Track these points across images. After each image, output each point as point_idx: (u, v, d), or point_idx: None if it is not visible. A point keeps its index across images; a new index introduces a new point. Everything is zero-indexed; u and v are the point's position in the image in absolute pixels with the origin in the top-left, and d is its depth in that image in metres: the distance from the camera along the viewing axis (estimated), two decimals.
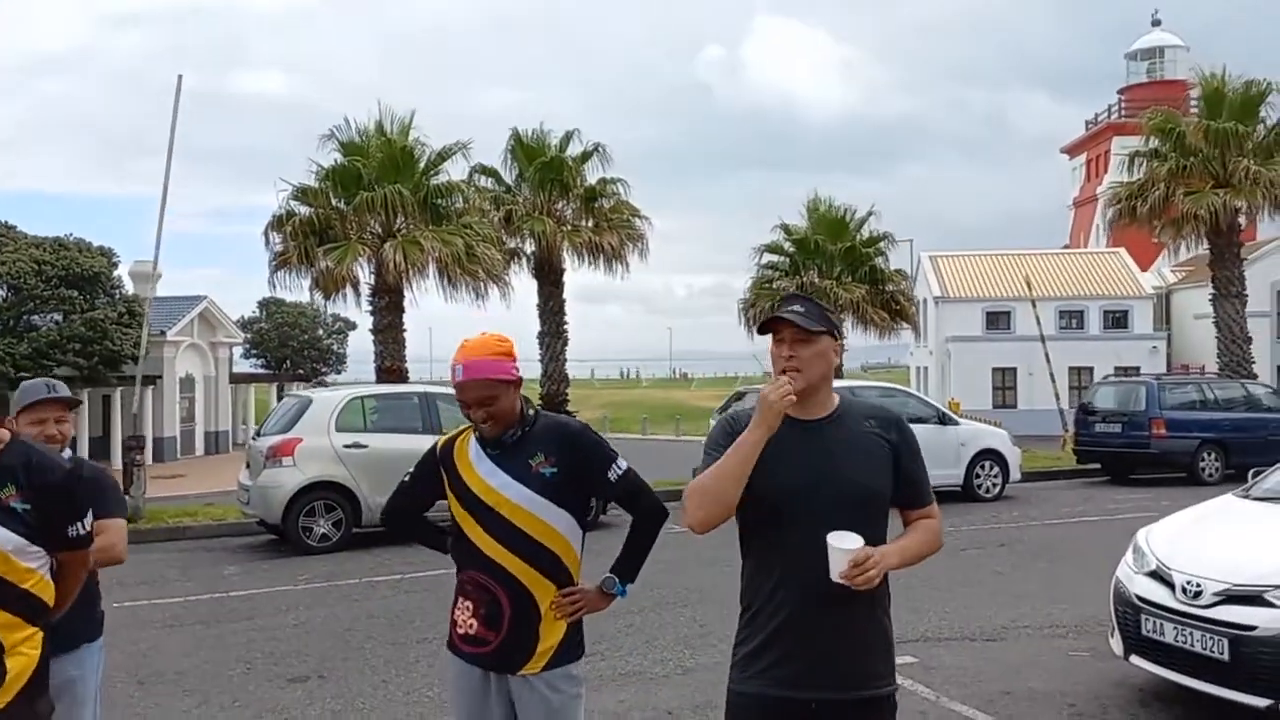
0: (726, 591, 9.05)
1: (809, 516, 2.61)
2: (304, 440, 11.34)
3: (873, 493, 2.70)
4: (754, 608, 2.74)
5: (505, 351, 3.09)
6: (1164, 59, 50.62)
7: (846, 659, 2.65)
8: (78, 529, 2.71)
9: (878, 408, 2.88)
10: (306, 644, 7.45)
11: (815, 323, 2.68)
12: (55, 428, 3.62)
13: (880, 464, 2.72)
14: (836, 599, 2.59)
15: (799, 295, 2.86)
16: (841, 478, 2.65)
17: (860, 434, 2.72)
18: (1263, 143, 24.13)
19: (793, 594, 2.64)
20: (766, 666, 2.66)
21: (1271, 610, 4.94)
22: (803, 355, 2.67)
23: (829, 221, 24.09)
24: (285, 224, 18.83)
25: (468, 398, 3.05)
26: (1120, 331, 37.40)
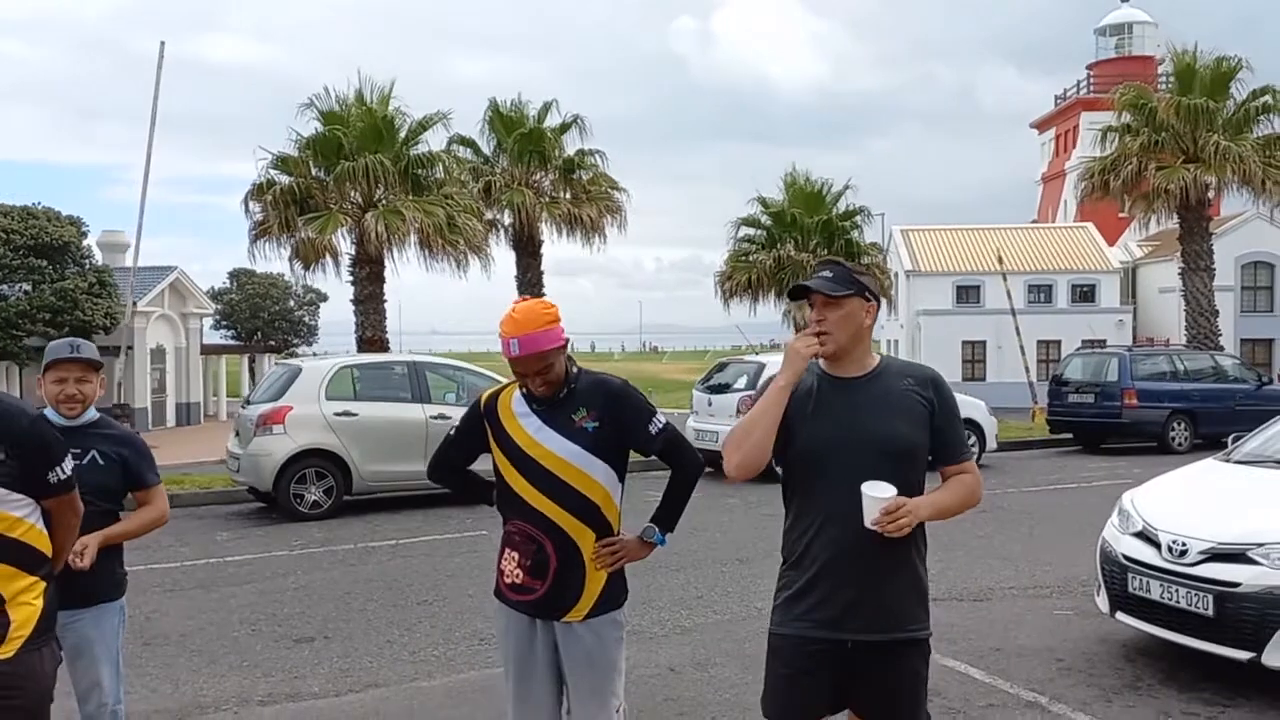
0: (716, 557, 9.31)
1: (847, 468, 2.76)
2: (294, 408, 11.37)
3: (908, 446, 2.84)
4: (795, 555, 2.89)
5: (553, 318, 3.18)
6: (1132, 35, 51.05)
7: (881, 602, 2.80)
8: (57, 474, 2.66)
9: (915, 366, 3.01)
10: (308, 606, 7.56)
11: (841, 287, 2.82)
12: (75, 387, 3.63)
13: (917, 420, 2.86)
14: (872, 545, 2.74)
15: (831, 261, 3.00)
16: (878, 432, 2.80)
17: (898, 391, 2.87)
18: (1232, 118, 24.52)
19: (831, 541, 2.80)
20: (807, 610, 2.82)
21: (1255, 567, 5.16)
22: (831, 318, 2.83)
23: (806, 195, 24.25)
24: (265, 193, 18.70)
25: (525, 370, 3.15)
26: (1088, 305, 37.89)
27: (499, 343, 3.17)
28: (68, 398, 3.62)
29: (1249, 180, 24.01)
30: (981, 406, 15.69)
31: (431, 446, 12.01)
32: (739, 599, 7.50)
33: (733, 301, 24.45)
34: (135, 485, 3.76)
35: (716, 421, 14.48)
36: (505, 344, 3.15)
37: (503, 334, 3.16)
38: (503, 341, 3.16)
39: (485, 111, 22.99)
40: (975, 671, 5.72)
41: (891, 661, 2.83)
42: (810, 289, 2.83)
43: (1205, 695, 5.26)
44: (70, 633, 3.62)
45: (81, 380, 3.65)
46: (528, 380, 3.18)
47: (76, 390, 3.64)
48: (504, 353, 3.18)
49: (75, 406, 3.64)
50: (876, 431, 2.81)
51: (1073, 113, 49.87)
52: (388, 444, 11.61)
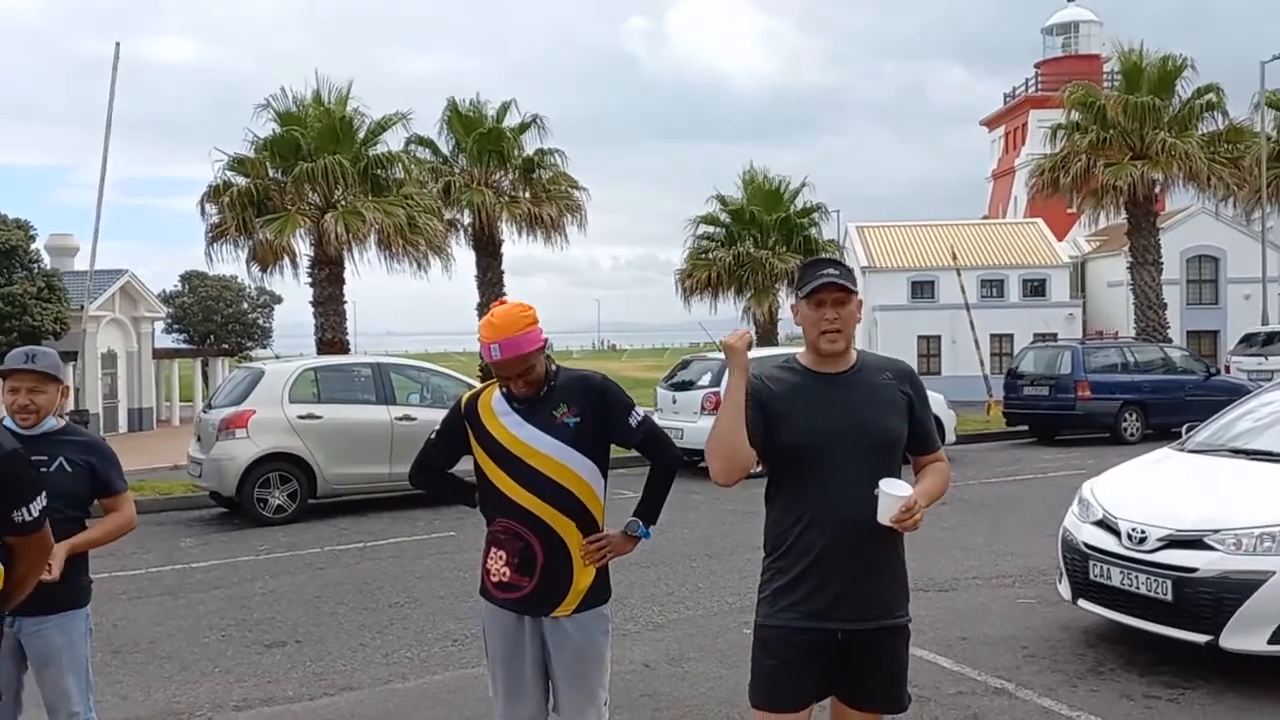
0: (685, 553, 9.38)
1: (837, 461, 2.85)
2: (257, 412, 11.28)
3: (894, 439, 2.95)
4: (783, 547, 2.95)
5: (532, 320, 3.23)
6: (1079, 34, 51.90)
7: (871, 591, 2.89)
8: (23, 514, 2.41)
9: (892, 361, 3.11)
10: (278, 611, 7.52)
11: (851, 283, 2.90)
12: (28, 398, 3.57)
13: (900, 413, 2.96)
14: (864, 537, 2.83)
15: (828, 259, 3.06)
16: (866, 426, 2.88)
17: (880, 385, 2.96)
18: (1178, 116, 25.08)
19: (823, 533, 2.86)
20: (797, 600, 2.89)
21: (1211, 553, 5.33)
22: (842, 315, 2.89)
23: (764, 193, 24.46)
24: (222, 195, 18.52)
25: (507, 373, 3.20)
26: (1039, 299, 38.50)
27: (477, 346, 3.22)
28: (21, 408, 3.58)
29: (1194, 176, 24.60)
30: (940, 400, 15.90)
31: (397, 448, 12.01)
32: (710, 594, 7.58)
33: (693, 298, 24.59)
34: (103, 492, 3.75)
35: (681, 419, 14.56)
36: (486, 349, 3.19)
37: (483, 339, 3.21)
38: (483, 346, 3.21)
39: (443, 111, 22.94)
40: (944, 660, 5.85)
41: (878, 648, 2.92)
42: (835, 284, 2.86)
43: (1165, 678, 5.42)
44: (36, 641, 3.61)
45: (35, 391, 3.59)
46: (510, 382, 3.23)
47: (29, 400, 3.59)
48: (485, 357, 3.23)
49: (29, 417, 3.60)
50: (872, 425, 2.89)
51: (1022, 110, 50.60)
52: (353, 446, 11.55)
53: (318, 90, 19.22)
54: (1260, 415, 6.77)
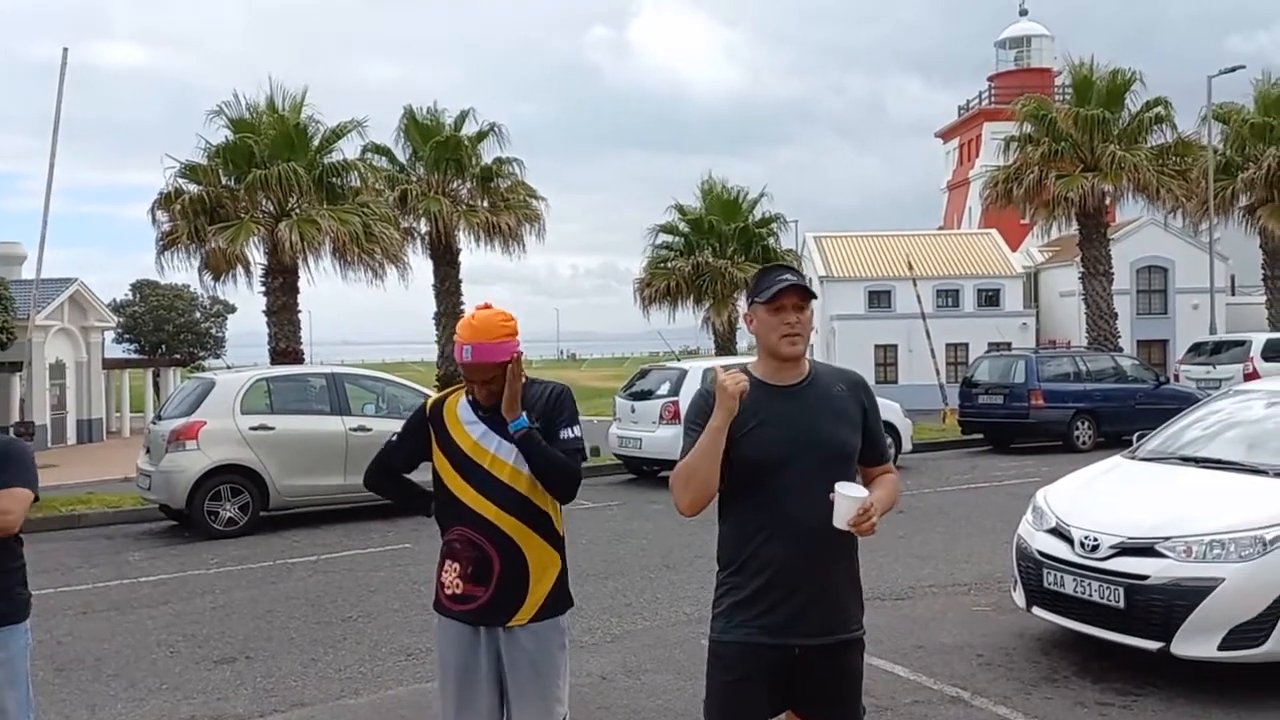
0: (643, 564, 9.34)
1: (796, 474, 2.82)
2: (208, 423, 11.09)
3: (850, 451, 2.93)
4: (739, 561, 2.90)
5: (510, 331, 3.21)
6: (1031, 47, 52.73)
7: (829, 605, 2.87)
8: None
9: (844, 372, 3.08)
10: (228, 626, 7.38)
11: (809, 290, 2.89)
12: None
13: (855, 424, 2.95)
14: (822, 550, 2.81)
15: (784, 265, 3.04)
16: (824, 437, 2.86)
17: (834, 396, 2.94)
18: (1127, 129, 25.56)
19: (782, 546, 2.83)
20: (754, 616, 2.85)
21: (1162, 560, 5.39)
22: (803, 320, 2.87)
23: (723, 203, 24.55)
24: (173, 202, 18.25)
25: (474, 377, 3.18)
26: (993, 309, 38.98)
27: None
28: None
29: (1144, 188, 25.06)
30: (896, 409, 16.04)
31: (352, 459, 11.88)
32: (668, 605, 7.55)
33: (652, 308, 24.59)
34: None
35: (640, 428, 14.54)
36: (459, 348, 3.19)
37: (459, 339, 3.21)
38: (457, 345, 3.21)
39: (401, 119, 22.80)
40: (900, 669, 5.86)
41: (833, 662, 2.89)
42: (799, 289, 2.85)
43: (1118, 685, 5.47)
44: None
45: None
46: (476, 387, 3.20)
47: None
48: (456, 356, 3.22)
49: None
50: (828, 437, 2.87)
51: (976, 123, 51.29)
52: (306, 458, 11.39)
53: (271, 96, 19.04)
54: (1208, 424, 6.88)
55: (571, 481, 3.25)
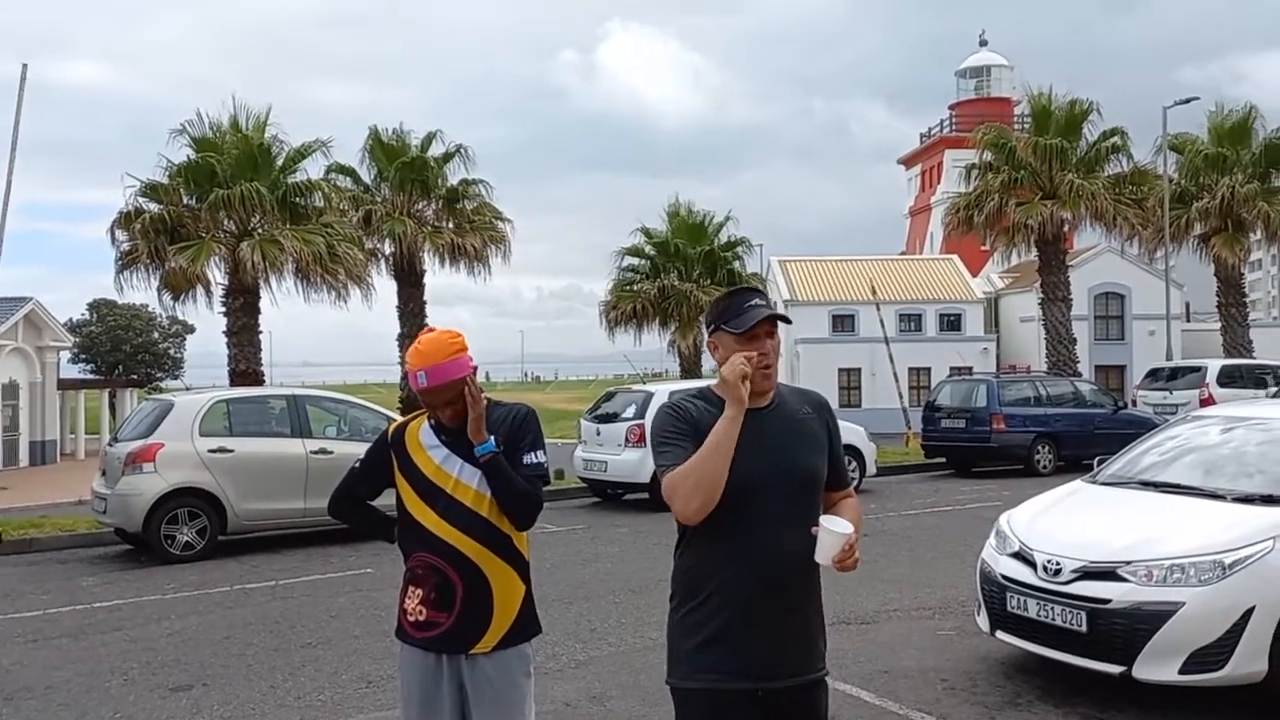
0: (609, 587, 9.28)
1: (762, 503, 2.68)
2: (165, 445, 10.90)
3: (820, 475, 2.82)
4: (701, 595, 2.74)
5: (460, 348, 3.16)
6: (991, 77, 53.64)
7: (795, 645, 2.74)
8: None
9: (806, 393, 2.96)
10: (185, 653, 7.23)
11: (783, 317, 2.79)
12: None
13: (822, 447, 2.85)
14: (790, 583, 2.68)
15: (751, 289, 2.90)
16: (791, 463, 2.74)
17: (801, 419, 2.83)
18: (1085, 158, 26.02)
19: (747, 580, 2.68)
20: (717, 660, 2.69)
21: (1124, 584, 5.43)
22: (771, 347, 2.76)
23: (688, 226, 24.65)
24: (133, 221, 18.03)
25: (435, 401, 3.14)
26: (955, 334, 39.38)
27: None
28: None
29: (1101, 216, 25.50)
30: (861, 432, 16.12)
31: (313, 483, 11.73)
32: (633, 630, 7.50)
33: (618, 331, 24.59)
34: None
35: (605, 451, 14.49)
36: (413, 376, 3.14)
37: (410, 366, 3.16)
38: (410, 374, 3.17)
39: (366, 140, 22.72)
40: (866, 694, 5.85)
41: (799, 705, 2.77)
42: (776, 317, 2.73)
43: (1080, 709, 5.49)
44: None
45: None
46: (438, 410, 3.17)
47: None
48: (412, 385, 3.18)
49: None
50: (798, 463, 2.75)
51: (937, 150, 51.99)
52: (266, 481, 11.23)
53: (235, 116, 18.89)
54: (1166, 449, 6.97)
55: (532, 509, 3.19)
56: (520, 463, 3.18)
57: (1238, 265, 28.06)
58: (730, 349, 2.73)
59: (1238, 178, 26.99)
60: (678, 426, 2.75)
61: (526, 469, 3.19)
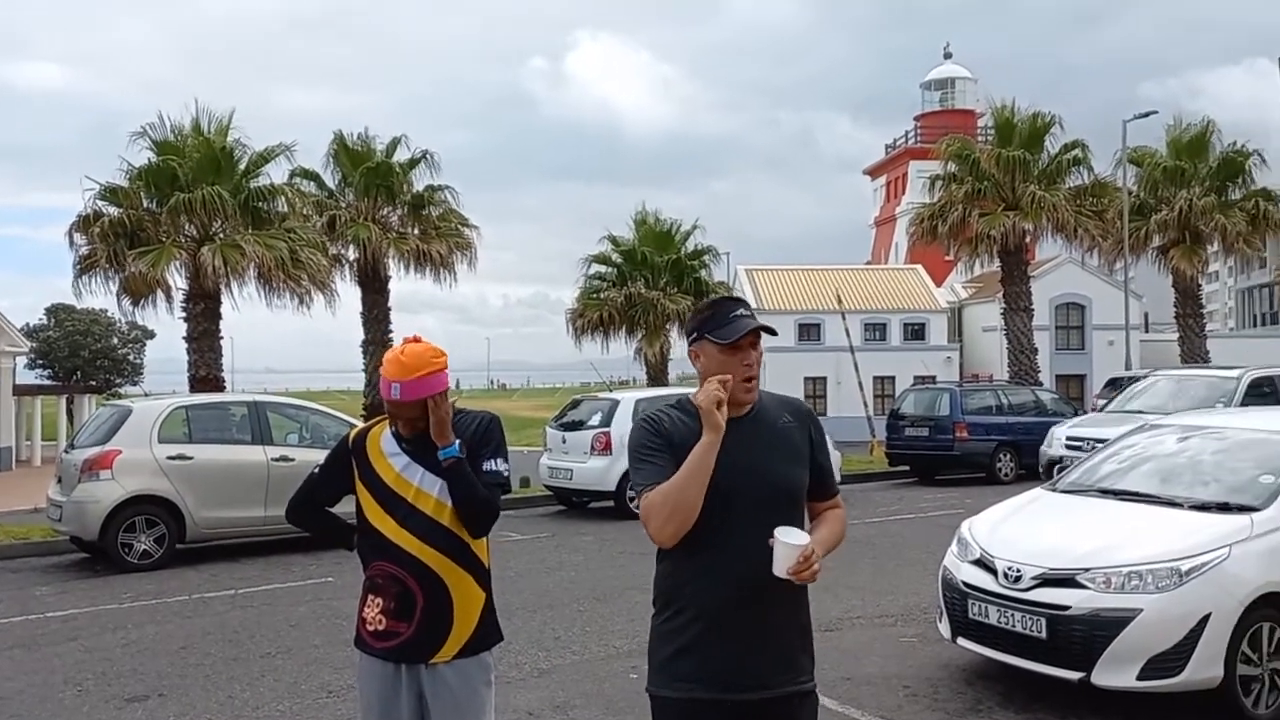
0: (573, 595, 9.23)
1: (738, 512, 2.64)
2: (123, 452, 10.73)
3: (798, 487, 2.77)
4: (677, 605, 2.71)
5: (441, 367, 3.12)
6: (955, 89, 54.27)
7: (774, 656, 2.69)
8: None
9: (789, 401, 2.90)
10: (141, 663, 7.12)
11: (769, 328, 2.75)
12: None
13: (802, 457, 2.79)
14: (770, 594, 2.62)
15: (735, 299, 2.84)
16: (770, 472, 2.69)
17: (781, 429, 2.77)
18: (1047, 170, 26.37)
19: (724, 591, 2.64)
20: (695, 669, 2.66)
21: (1083, 591, 5.49)
22: (754, 359, 2.73)
23: (655, 234, 24.68)
24: (92, 225, 17.78)
25: (402, 414, 3.10)
26: (919, 343, 39.74)
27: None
28: None
29: (1062, 227, 25.86)
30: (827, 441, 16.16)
31: (273, 490, 11.60)
32: (598, 638, 7.47)
33: (584, 338, 24.56)
34: None
35: (571, 459, 14.45)
36: (386, 385, 3.08)
37: (386, 375, 3.09)
38: (384, 383, 3.09)
39: (330, 144, 22.56)
40: (829, 701, 5.85)
41: (776, 716, 2.72)
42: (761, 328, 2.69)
43: (1040, 715, 5.55)
44: None
45: None
46: (401, 423, 3.14)
47: None
48: (383, 393, 3.12)
49: None
50: (774, 473, 2.70)
51: (902, 161, 52.48)
52: (226, 488, 11.08)
53: (197, 119, 18.69)
54: (1124, 457, 7.06)
55: (489, 517, 3.15)
56: (480, 470, 3.15)
57: (1195, 277, 28.52)
58: (714, 358, 2.70)
59: (1195, 191, 27.46)
60: (653, 442, 2.70)
61: (486, 476, 3.15)
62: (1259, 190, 28.17)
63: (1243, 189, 28.06)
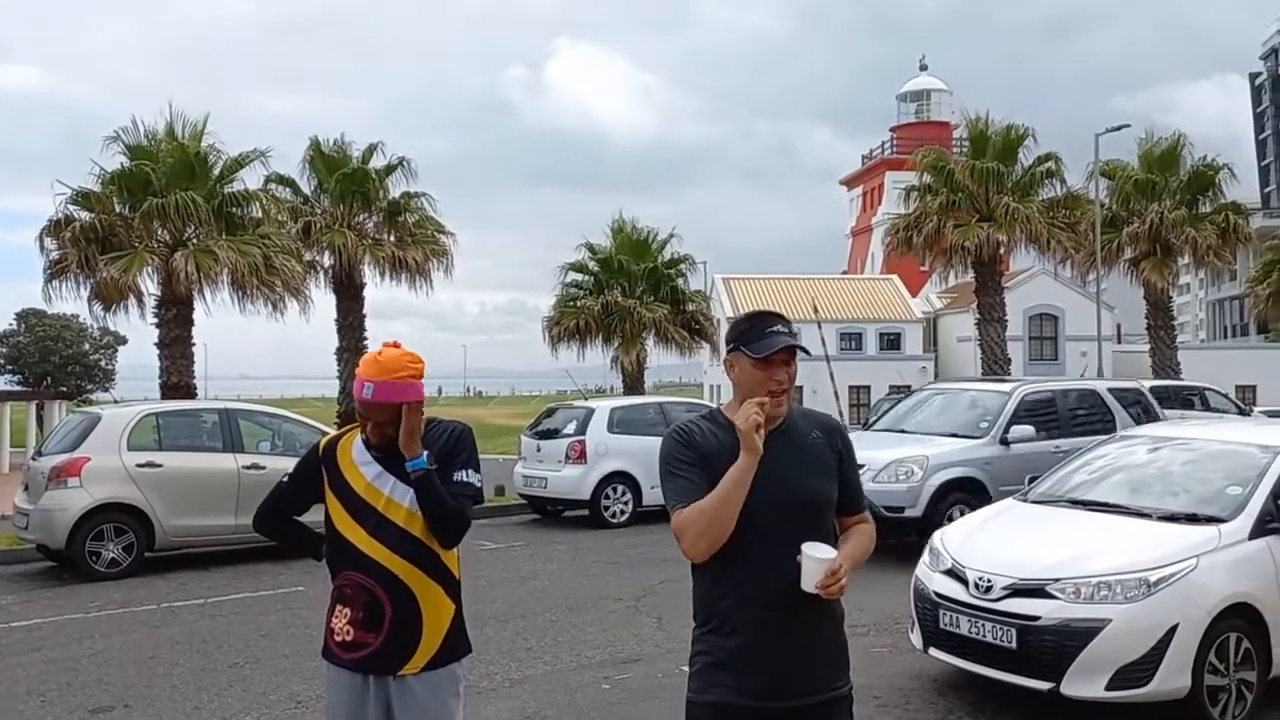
0: (546, 605, 9.19)
1: (770, 526, 2.68)
2: (92, 459, 10.60)
3: (826, 500, 2.80)
4: (713, 621, 2.77)
5: (417, 373, 3.12)
6: (930, 101, 54.74)
7: (808, 666, 2.73)
8: None
9: (820, 417, 2.95)
10: (106, 673, 7.02)
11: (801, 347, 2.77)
12: None
13: (830, 472, 2.82)
14: (800, 607, 2.66)
15: (774, 314, 2.85)
16: (799, 487, 2.73)
17: (810, 443, 2.81)
18: (1020, 181, 26.58)
19: (757, 604, 2.69)
20: (728, 678, 2.71)
21: (1052, 601, 5.52)
22: (791, 376, 2.77)
23: (632, 243, 24.66)
24: (63, 229, 17.58)
25: (375, 417, 3.08)
26: (894, 352, 40.03)
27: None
28: None
29: (1035, 239, 26.06)
30: None
31: (244, 498, 11.50)
32: (569, 648, 7.44)
33: (561, 346, 24.50)
34: None
35: (545, 467, 14.41)
36: (360, 385, 3.07)
37: (361, 374, 3.09)
38: (358, 382, 3.09)
39: (306, 150, 22.43)
40: None
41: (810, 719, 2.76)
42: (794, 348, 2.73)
43: None
44: None
45: None
46: (371, 426, 3.12)
47: None
48: (356, 393, 3.11)
49: None
50: (802, 488, 2.73)
51: (878, 172, 52.85)
52: (196, 496, 10.97)
53: (171, 124, 18.52)
54: (1094, 468, 7.11)
55: (458, 528, 3.14)
56: (451, 480, 3.14)
57: (1166, 289, 28.80)
58: (747, 371, 2.76)
59: (1166, 204, 27.74)
60: (686, 455, 2.75)
61: (455, 486, 3.14)
62: (1229, 204, 28.51)
63: (1213, 202, 28.38)
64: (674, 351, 24.92)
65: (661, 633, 7.87)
